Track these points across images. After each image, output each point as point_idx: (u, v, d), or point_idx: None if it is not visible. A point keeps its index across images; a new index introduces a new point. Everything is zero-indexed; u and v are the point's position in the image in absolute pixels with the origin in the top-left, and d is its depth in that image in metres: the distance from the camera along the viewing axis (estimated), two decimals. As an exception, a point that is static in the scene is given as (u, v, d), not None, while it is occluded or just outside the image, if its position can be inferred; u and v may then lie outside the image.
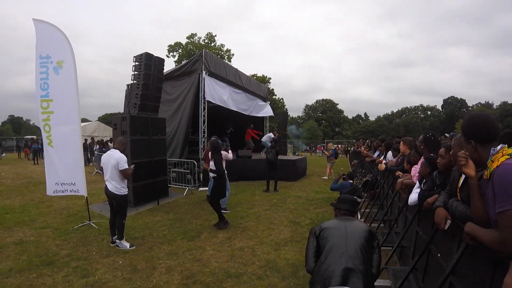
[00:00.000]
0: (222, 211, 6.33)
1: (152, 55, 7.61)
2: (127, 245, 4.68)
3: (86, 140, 18.05)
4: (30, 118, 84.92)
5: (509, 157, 1.40)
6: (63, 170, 5.69)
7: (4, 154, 22.50)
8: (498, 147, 1.48)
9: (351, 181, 5.17)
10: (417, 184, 2.99)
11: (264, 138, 14.37)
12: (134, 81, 7.50)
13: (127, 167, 4.78)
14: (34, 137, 26.49)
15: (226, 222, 5.74)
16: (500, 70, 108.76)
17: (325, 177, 13.21)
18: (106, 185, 4.78)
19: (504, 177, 1.36)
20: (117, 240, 4.72)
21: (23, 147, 23.36)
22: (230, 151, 7.09)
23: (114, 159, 4.69)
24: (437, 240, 2.30)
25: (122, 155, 4.77)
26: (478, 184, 1.62)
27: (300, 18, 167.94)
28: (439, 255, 2.19)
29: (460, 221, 1.78)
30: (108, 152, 4.96)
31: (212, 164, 5.77)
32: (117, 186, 4.70)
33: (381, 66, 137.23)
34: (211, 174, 5.80)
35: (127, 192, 4.84)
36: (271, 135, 14.31)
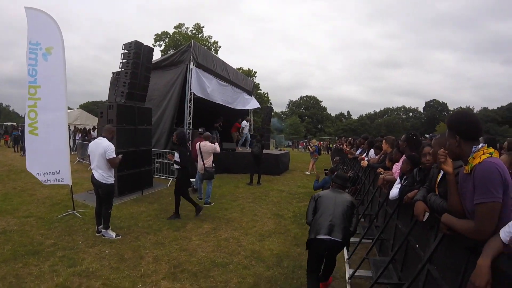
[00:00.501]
0: (206, 205, 6.68)
1: (142, 43, 7.49)
2: (113, 234, 4.67)
3: (69, 127, 17.50)
4: (9, 104, 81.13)
5: (490, 155, 1.57)
6: (47, 159, 5.58)
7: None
8: (480, 146, 1.65)
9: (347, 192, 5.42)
10: (398, 180, 3.19)
11: (245, 130, 14.54)
12: (122, 69, 7.37)
13: (115, 156, 4.74)
14: (14, 123, 25.39)
15: (200, 207, 6.00)
16: (484, 76, 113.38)
17: (307, 172, 13.51)
18: (92, 174, 4.72)
19: (485, 173, 1.53)
20: (103, 230, 4.70)
21: (2, 134, 22.34)
22: (217, 143, 7.21)
23: (102, 147, 4.63)
24: (415, 232, 2.49)
25: (110, 143, 4.72)
26: (455, 180, 1.79)
27: (289, 13, 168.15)
28: (417, 245, 2.37)
29: (437, 214, 1.96)
30: (96, 140, 4.90)
31: (176, 156, 5.78)
32: (104, 175, 4.65)
33: (368, 65, 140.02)
34: (175, 166, 5.89)
35: (113, 181, 4.80)
36: (244, 122, 14.43)
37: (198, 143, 6.80)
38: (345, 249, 4.40)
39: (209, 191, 6.86)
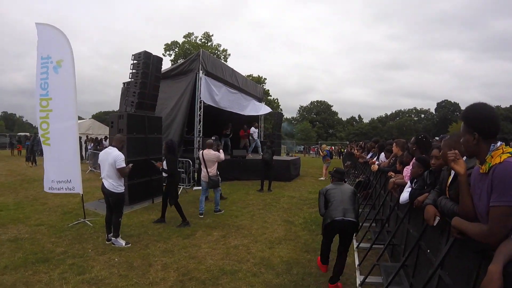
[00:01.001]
0: (216, 212, 6.62)
1: (151, 53, 7.64)
2: (123, 242, 4.70)
3: (80, 137, 17.91)
4: (23, 114, 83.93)
5: (510, 155, 1.46)
6: (59, 168, 5.73)
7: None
8: (498, 144, 1.53)
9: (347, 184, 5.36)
10: (408, 183, 3.10)
11: (255, 136, 14.54)
12: (132, 79, 7.51)
13: (125, 165, 4.79)
14: (28, 134, 26.13)
15: (188, 222, 5.80)
16: (493, 74, 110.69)
17: (321, 178, 13.32)
18: (102, 183, 4.79)
19: (506, 173, 1.41)
20: (112, 238, 4.73)
21: (16, 144, 23.01)
22: (221, 151, 7.04)
23: (112, 157, 4.68)
24: (427, 237, 2.41)
25: (120, 153, 4.78)
26: (467, 181, 1.69)
27: (293, 18, 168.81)
28: (428, 250, 2.28)
29: (448, 218, 1.88)
30: (106, 149, 4.98)
31: (165, 164, 5.88)
32: (113, 184, 4.70)
33: (374, 68, 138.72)
34: (164, 174, 5.94)
35: (123, 190, 4.85)
36: (253, 129, 14.43)
37: (201, 151, 6.74)
38: (356, 255, 4.32)
39: (218, 199, 6.81)
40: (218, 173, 6.74)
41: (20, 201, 7.47)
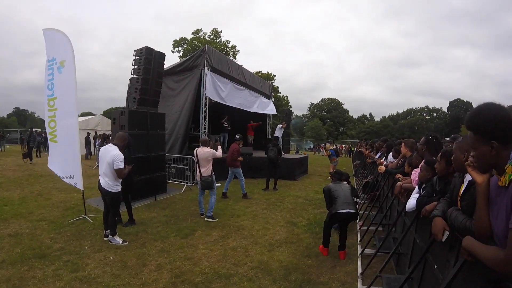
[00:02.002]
0: (207, 219, 5.96)
1: (153, 49, 7.49)
2: (120, 240, 4.60)
3: (88, 134, 18.05)
4: (35, 110, 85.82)
5: None
6: (64, 164, 5.91)
7: (7, 146, 22.59)
8: None
9: (345, 182, 5.18)
10: (416, 189, 2.85)
11: (276, 133, 14.37)
12: (134, 75, 7.40)
13: (123, 167, 4.58)
14: (38, 129, 26.51)
15: (133, 221, 5.56)
16: (506, 73, 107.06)
17: (329, 178, 12.99)
18: (99, 180, 4.68)
19: None
20: (109, 236, 4.64)
21: (26, 140, 23.36)
22: (219, 147, 6.52)
23: (110, 156, 4.52)
24: (434, 250, 2.17)
25: (120, 153, 4.58)
26: (486, 193, 1.40)
27: (302, 15, 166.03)
28: (435, 266, 2.06)
29: (459, 233, 1.64)
30: (107, 146, 4.79)
31: None
32: (109, 183, 4.57)
33: (385, 65, 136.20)
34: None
35: (120, 190, 4.70)
36: (280, 126, 14.39)
37: (195, 150, 6.25)
38: (359, 262, 4.09)
39: (212, 204, 6.12)
40: (213, 173, 6.22)
41: (25, 196, 7.51)
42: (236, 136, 8.46)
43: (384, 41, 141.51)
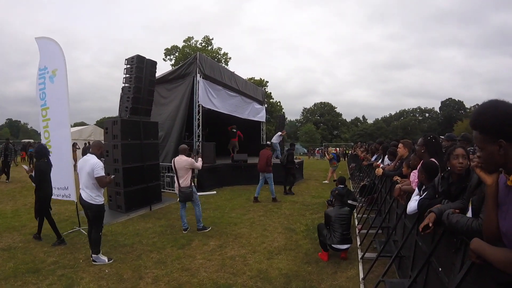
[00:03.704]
0: (199, 230, 5.67)
1: (144, 57, 7.43)
2: (105, 259, 4.27)
3: (85, 144, 17.83)
4: (28, 121, 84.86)
5: None
6: (58, 174, 5.74)
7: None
8: None
9: (342, 186, 5.16)
10: (416, 190, 2.80)
11: (274, 139, 14.34)
12: (126, 84, 7.31)
13: (104, 174, 4.31)
14: (31, 140, 26.11)
15: (62, 241, 4.99)
16: (495, 70, 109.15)
17: (325, 181, 12.97)
18: (80, 194, 4.35)
19: None
20: (93, 255, 4.25)
21: (19, 151, 22.92)
22: (200, 159, 6.21)
23: (89, 165, 4.23)
24: (439, 253, 2.12)
25: (99, 161, 4.32)
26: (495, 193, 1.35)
27: (289, 22, 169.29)
28: (440, 269, 2.00)
29: (465, 236, 1.58)
30: (84, 157, 4.48)
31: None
32: (91, 195, 4.25)
33: (374, 68, 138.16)
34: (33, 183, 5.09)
35: (103, 202, 4.40)
36: (279, 133, 14.39)
37: (173, 159, 5.80)
38: (360, 266, 4.03)
39: (198, 214, 5.74)
40: (193, 184, 5.82)
41: (18, 208, 7.36)
42: (267, 142, 8.90)
43: (372, 44, 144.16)
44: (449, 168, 2.35)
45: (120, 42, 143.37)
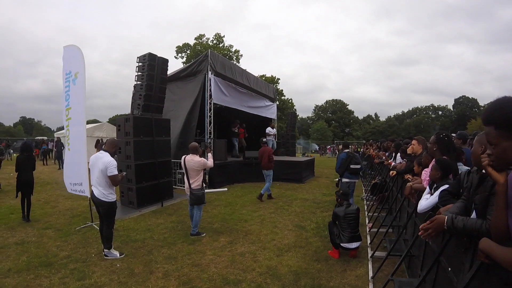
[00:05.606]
0: (192, 235, 5.27)
1: (156, 55, 7.52)
2: (117, 253, 4.36)
3: (98, 141, 18.20)
4: (41, 119, 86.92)
5: None
6: (74, 170, 6.03)
7: (14, 154, 22.88)
8: None
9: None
10: (427, 189, 2.76)
11: (266, 137, 14.24)
12: (138, 82, 7.42)
13: (117, 173, 4.37)
14: (45, 138, 26.76)
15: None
16: (505, 67, 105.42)
17: (336, 179, 12.85)
18: (92, 191, 4.43)
19: None
20: (105, 250, 4.35)
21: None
22: (210, 155, 5.84)
23: (103, 163, 4.28)
24: (448, 253, 2.09)
25: (112, 159, 4.37)
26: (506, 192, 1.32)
27: (294, 19, 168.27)
28: (450, 269, 1.98)
29: (473, 237, 1.55)
30: (97, 154, 4.53)
31: None
32: (104, 192, 4.31)
33: (383, 64, 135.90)
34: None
35: (115, 199, 4.45)
36: (270, 129, 14.07)
37: (183, 157, 5.41)
38: (370, 265, 4.00)
39: (197, 219, 5.33)
40: (204, 185, 5.52)
41: (31, 204, 7.52)
42: (263, 139, 8.93)
43: (379, 40, 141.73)
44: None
45: (128, 40, 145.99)
